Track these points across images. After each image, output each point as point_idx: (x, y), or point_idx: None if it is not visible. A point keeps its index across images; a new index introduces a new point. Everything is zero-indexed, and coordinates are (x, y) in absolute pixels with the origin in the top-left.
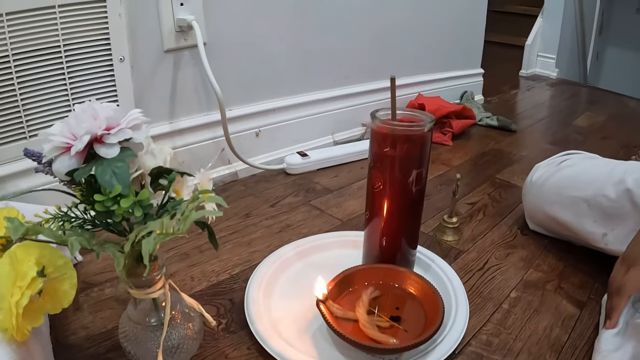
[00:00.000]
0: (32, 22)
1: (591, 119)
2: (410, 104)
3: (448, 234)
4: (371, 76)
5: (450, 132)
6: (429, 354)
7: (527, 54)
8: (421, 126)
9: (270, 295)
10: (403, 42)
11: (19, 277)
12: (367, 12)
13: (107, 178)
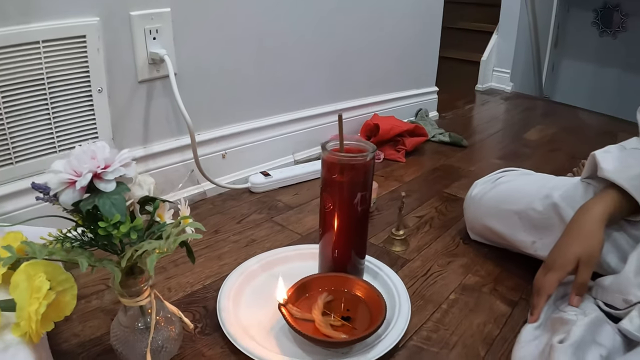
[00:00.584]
0: (18, 56)
1: (541, 132)
2: (366, 124)
3: (396, 245)
4: (329, 99)
5: (404, 149)
6: (375, 347)
7: (483, 69)
8: (364, 156)
9: (239, 302)
10: (358, 64)
11: (34, 290)
12: (324, 38)
13: (107, 208)
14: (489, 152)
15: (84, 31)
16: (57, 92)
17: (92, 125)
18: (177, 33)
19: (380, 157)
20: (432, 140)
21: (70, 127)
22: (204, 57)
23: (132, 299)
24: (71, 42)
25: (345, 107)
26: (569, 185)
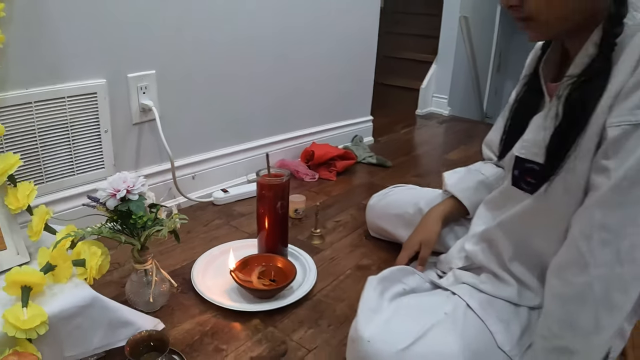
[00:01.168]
0: (51, 107)
1: (463, 152)
2: (305, 150)
3: (314, 240)
4: (274, 131)
5: (335, 170)
6: (290, 296)
7: (423, 95)
8: (281, 179)
9: (205, 274)
10: (300, 101)
11: (92, 254)
12: (270, 81)
13: (135, 209)
14: (409, 171)
15: (95, 89)
16: (76, 132)
17: (100, 155)
18: (160, 88)
19: (315, 177)
20: (362, 162)
21: (85, 157)
22: (180, 104)
23: (141, 265)
24: (86, 97)
25: (288, 137)
26: (433, 195)
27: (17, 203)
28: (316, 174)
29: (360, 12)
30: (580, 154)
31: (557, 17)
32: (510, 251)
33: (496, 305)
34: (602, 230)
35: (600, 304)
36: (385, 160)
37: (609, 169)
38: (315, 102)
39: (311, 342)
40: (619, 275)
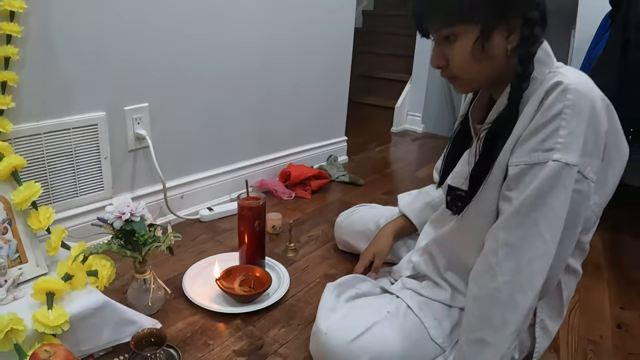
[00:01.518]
0: (58, 137)
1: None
2: (282, 171)
3: (289, 252)
4: (255, 154)
5: (310, 189)
6: (266, 301)
7: (397, 113)
8: (258, 202)
9: (194, 282)
10: (278, 126)
11: (103, 266)
12: (249, 108)
13: (138, 228)
14: (379, 188)
15: (96, 121)
16: (80, 159)
17: (100, 179)
18: (152, 119)
19: (292, 195)
20: (336, 181)
21: (87, 180)
22: (170, 132)
23: (141, 275)
24: (89, 128)
25: (267, 159)
26: (391, 214)
27: (39, 224)
28: (293, 192)
29: (335, 37)
30: (491, 185)
31: (475, 76)
32: (444, 262)
33: (432, 306)
34: (506, 246)
35: (506, 304)
36: (358, 178)
37: (511, 198)
38: (292, 126)
39: (283, 338)
40: (519, 281)
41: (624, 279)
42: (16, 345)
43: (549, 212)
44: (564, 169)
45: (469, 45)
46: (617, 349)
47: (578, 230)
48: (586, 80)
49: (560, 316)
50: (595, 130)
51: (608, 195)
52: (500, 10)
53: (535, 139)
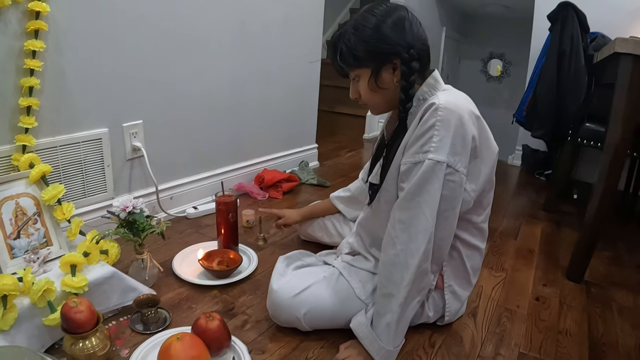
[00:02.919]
0: (69, 150)
1: None
2: (257, 175)
3: (259, 241)
4: (232, 160)
5: (281, 190)
6: (239, 275)
7: (368, 121)
8: (231, 199)
9: (181, 263)
10: (253, 136)
11: (112, 247)
12: (227, 121)
13: (138, 217)
14: None
15: (100, 136)
16: (87, 166)
17: (104, 183)
18: (146, 133)
19: (266, 196)
20: (305, 183)
21: (93, 184)
22: (160, 144)
23: (140, 255)
24: (94, 142)
25: (244, 165)
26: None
27: (63, 216)
28: (266, 193)
29: (302, 56)
30: (390, 179)
31: (378, 104)
32: (369, 240)
33: (360, 273)
34: (400, 223)
35: (402, 266)
36: (325, 181)
37: (403, 187)
38: (265, 136)
39: (250, 303)
40: (410, 248)
41: (553, 262)
42: (49, 302)
43: (428, 196)
44: (436, 165)
45: (366, 82)
46: (530, 316)
47: (457, 209)
48: (455, 101)
49: (469, 284)
50: (462, 136)
51: (483, 183)
52: (381, 57)
53: (417, 144)
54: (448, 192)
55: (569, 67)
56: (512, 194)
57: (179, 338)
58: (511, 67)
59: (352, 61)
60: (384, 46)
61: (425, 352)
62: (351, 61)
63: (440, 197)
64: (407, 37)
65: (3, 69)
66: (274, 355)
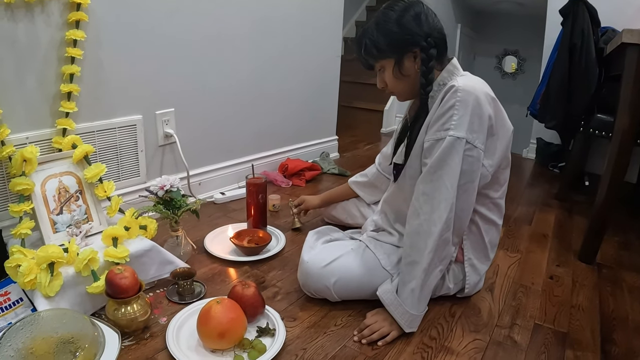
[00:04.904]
0: (106, 135)
1: None
2: (281, 164)
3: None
4: (258, 149)
5: (304, 178)
6: (268, 252)
7: (386, 116)
8: (261, 180)
9: (212, 242)
10: (277, 126)
11: (150, 222)
12: (254, 111)
13: (175, 195)
14: None
15: (135, 122)
16: (122, 151)
17: (137, 167)
18: (177, 120)
19: (289, 183)
20: (327, 173)
21: (127, 168)
22: (191, 132)
23: (175, 232)
24: (129, 127)
25: (269, 154)
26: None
27: (104, 193)
28: (290, 181)
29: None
30: (415, 157)
31: (403, 91)
32: (393, 216)
33: (384, 246)
34: (424, 194)
35: (426, 234)
36: (345, 170)
37: (426, 162)
38: (289, 127)
39: (279, 277)
40: (433, 218)
41: (565, 246)
42: (93, 271)
43: (449, 169)
44: (456, 141)
45: (391, 71)
46: (544, 292)
47: (476, 183)
48: (472, 84)
49: (487, 258)
50: (479, 115)
51: (499, 159)
52: (402, 47)
53: (438, 123)
54: (467, 166)
55: (580, 60)
56: (526, 184)
57: (219, 302)
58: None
59: (376, 53)
60: (404, 37)
61: (446, 321)
62: (375, 53)
63: (460, 171)
64: (424, 28)
65: (45, 58)
66: (304, 322)
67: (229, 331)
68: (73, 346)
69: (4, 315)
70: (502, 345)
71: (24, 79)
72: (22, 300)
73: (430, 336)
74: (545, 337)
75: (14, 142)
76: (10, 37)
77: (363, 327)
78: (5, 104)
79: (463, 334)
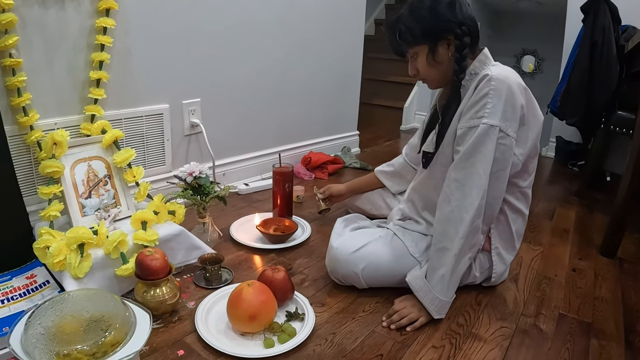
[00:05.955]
0: (134, 123)
1: None
2: (304, 157)
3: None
4: (282, 142)
5: (327, 171)
6: (294, 241)
7: (406, 113)
8: (288, 169)
9: (238, 230)
10: (300, 120)
11: (178, 208)
12: (278, 105)
13: (204, 181)
14: None
15: (162, 111)
16: (149, 139)
17: (163, 156)
18: (203, 111)
19: (312, 176)
20: (348, 167)
21: (153, 156)
22: (216, 123)
23: (202, 219)
24: (156, 116)
25: (292, 147)
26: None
27: (133, 178)
28: (312, 174)
29: (347, 46)
30: (447, 144)
31: (435, 77)
32: (421, 204)
33: (412, 234)
34: (456, 181)
35: (457, 221)
36: (367, 165)
37: (459, 150)
38: (310, 121)
39: (306, 265)
40: (465, 205)
41: (587, 241)
42: (122, 253)
43: (482, 157)
44: (489, 129)
45: (424, 58)
46: (567, 284)
47: (507, 170)
48: (506, 73)
49: (513, 248)
50: (512, 104)
51: (529, 148)
52: (437, 34)
53: (472, 111)
54: (499, 154)
55: (600, 57)
56: (546, 182)
57: (250, 284)
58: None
59: (410, 39)
60: (439, 24)
61: (472, 309)
62: (410, 39)
63: (493, 159)
64: (458, 16)
65: (75, 46)
66: (332, 308)
67: (260, 314)
68: (104, 324)
69: (30, 297)
70: (528, 333)
71: (54, 65)
72: (48, 282)
73: (458, 323)
74: (570, 326)
75: (42, 127)
76: (41, 23)
77: (392, 312)
78: (34, 90)
79: (490, 322)
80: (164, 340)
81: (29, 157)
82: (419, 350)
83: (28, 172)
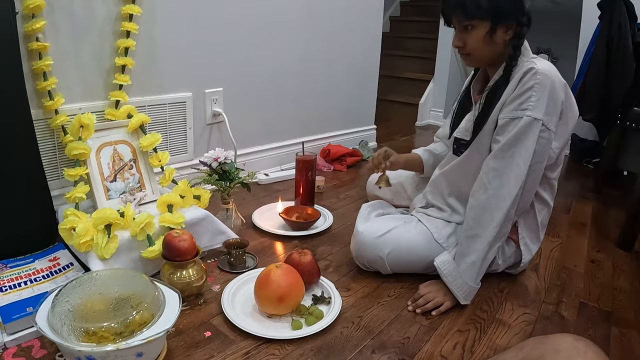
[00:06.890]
0: (158, 110)
1: None
2: (323, 149)
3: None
4: (301, 134)
5: (345, 164)
6: (318, 228)
7: (421, 109)
8: (311, 157)
9: (260, 218)
10: (319, 113)
11: (203, 192)
12: (297, 97)
13: (228, 168)
14: None
15: (184, 99)
16: (171, 127)
17: (185, 144)
18: (225, 100)
19: (331, 168)
20: (366, 159)
21: (176, 144)
22: (237, 112)
23: (226, 205)
24: (179, 104)
25: (311, 139)
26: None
27: (159, 163)
28: (331, 166)
29: (365, 41)
30: (486, 132)
31: (483, 55)
32: (448, 190)
33: (436, 221)
34: (494, 170)
35: (493, 209)
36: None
37: (499, 140)
38: (331, 114)
39: (329, 251)
40: (501, 194)
41: (604, 234)
42: (148, 236)
43: (522, 148)
44: (533, 121)
45: (481, 34)
46: (586, 274)
47: (544, 163)
48: (549, 68)
49: (538, 239)
50: (554, 99)
51: (564, 142)
52: (504, 14)
53: (516, 102)
54: (539, 147)
55: (617, 54)
56: (562, 178)
57: (278, 266)
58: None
59: (474, 11)
60: (509, 7)
61: (495, 296)
62: (473, 11)
63: (533, 151)
64: (526, 5)
65: (101, 32)
66: (358, 293)
67: (288, 295)
68: (133, 302)
69: (54, 279)
70: (550, 319)
71: (80, 51)
72: (72, 264)
73: (482, 309)
74: (591, 314)
75: (67, 112)
76: (68, 9)
77: (417, 296)
78: (60, 74)
79: (512, 308)
80: (191, 322)
81: (52, 142)
82: (445, 333)
83: (52, 156)
